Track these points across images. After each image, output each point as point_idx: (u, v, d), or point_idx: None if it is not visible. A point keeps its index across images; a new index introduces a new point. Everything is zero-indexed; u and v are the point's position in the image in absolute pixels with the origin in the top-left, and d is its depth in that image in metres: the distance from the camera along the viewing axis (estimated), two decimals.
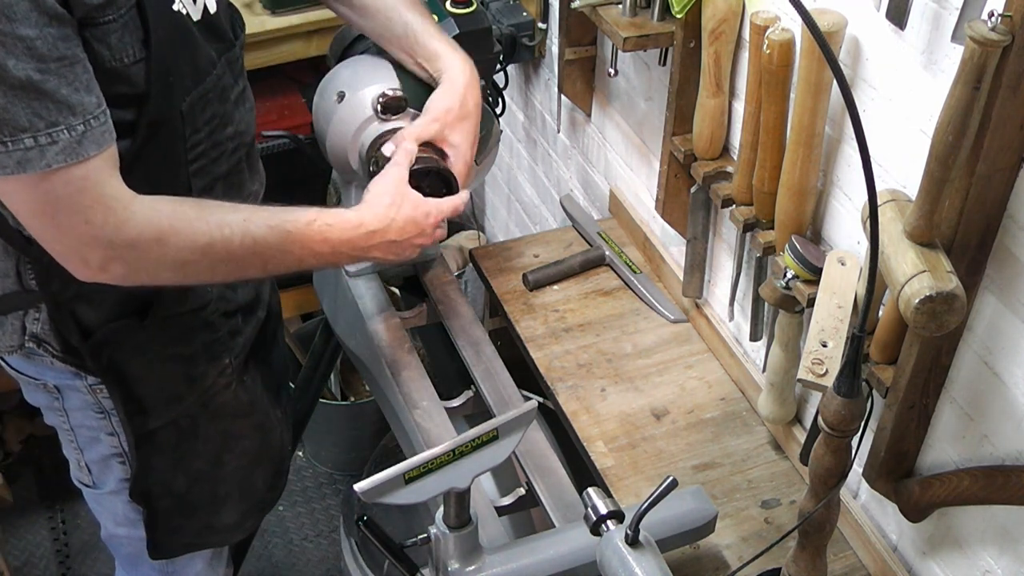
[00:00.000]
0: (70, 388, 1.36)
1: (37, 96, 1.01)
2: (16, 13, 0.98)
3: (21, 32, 0.98)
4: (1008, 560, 1.20)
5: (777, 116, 1.31)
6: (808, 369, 1.16)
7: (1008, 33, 0.92)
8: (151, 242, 1.13)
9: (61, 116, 1.03)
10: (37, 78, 1.00)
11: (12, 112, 1.00)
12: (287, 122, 2.26)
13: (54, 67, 1.01)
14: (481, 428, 1.14)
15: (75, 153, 1.04)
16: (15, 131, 1.01)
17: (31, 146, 1.02)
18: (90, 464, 1.44)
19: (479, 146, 1.56)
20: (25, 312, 1.28)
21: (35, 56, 1.00)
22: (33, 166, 1.03)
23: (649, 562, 1.03)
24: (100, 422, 1.39)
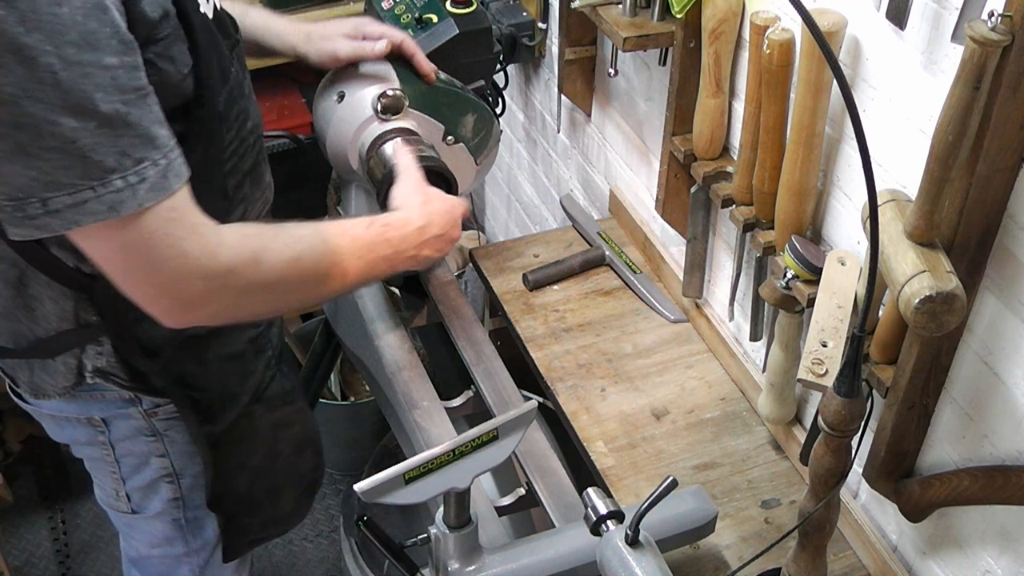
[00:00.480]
0: (120, 417, 1.32)
1: (124, 131, 0.95)
2: (99, 41, 0.92)
3: (106, 61, 0.92)
4: (1008, 560, 1.20)
5: (777, 116, 1.31)
6: (808, 369, 1.16)
7: (1008, 33, 0.92)
8: (247, 263, 1.08)
9: (146, 151, 0.97)
10: (123, 111, 0.95)
11: (101, 152, 0.94)
12: (287, 122, 2.26)
13: (134, 98, 0.96)
14: (481, 428, 1.14)
15: (163, 188, 0.99)
16: (104, 173, 0.95)
17: (122, 187, 0.96)
18: (132, 491, 1.41)
19: (479, 146, 1.56)
20: (82, 349, 1.24)
21: (119, 87, 0.94)
22: (126, 207, 0.97)
23: (649, 562, 1.03)
24: (151, 445, 1.36)
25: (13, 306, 1.20)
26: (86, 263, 1.16)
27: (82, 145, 0.93)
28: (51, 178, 0.94)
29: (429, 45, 1.68)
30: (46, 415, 1.35)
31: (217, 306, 1.09)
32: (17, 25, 0.87)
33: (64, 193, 0.95)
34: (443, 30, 1.69)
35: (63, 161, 0.93)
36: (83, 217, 0.96)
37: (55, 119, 0.91)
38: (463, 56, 1.69)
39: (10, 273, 1.18)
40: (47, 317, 1.21)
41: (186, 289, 1.06)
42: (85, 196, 0.95)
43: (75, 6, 0.90)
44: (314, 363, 2.12)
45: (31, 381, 1.28)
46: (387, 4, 1.75)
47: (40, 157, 0.92)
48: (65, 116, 0.91)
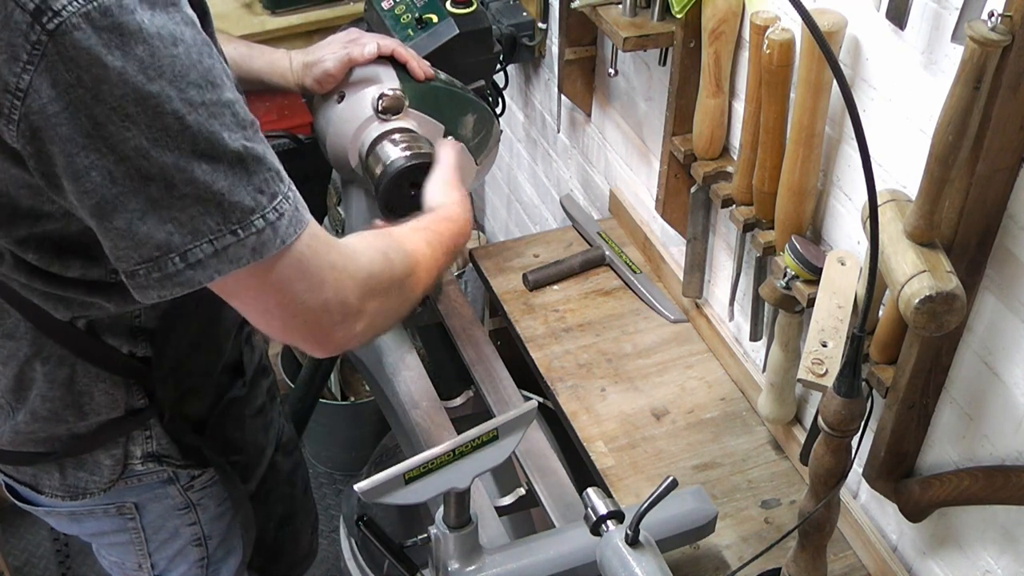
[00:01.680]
0: (155, 499, 1.27)
1: (255, 168, 0.89)
2: (216, 77, 0.87)
3: (226, 97, 0.87)
4: (1008, 560, 1.20)
5: (777, 116, 1.31)
6: (808, 369, 1.16)
7: (1008, 33, 0.92)
8: (381, 263, 1.05)
9: (277, 185, 0.91)
10: (249, 147, 0.89)
11: (237, 194, 0.88)
12: (287, 122, 2.26)
13: (252, 133, 0.90)
14: (481, 428, 1.14)
15: (300, 221, 0.93)
16: (244, 215, 0.88)
17: (263, 227, 0.89)
18: (157, 561, 1.36)
19: (479, 146, 1.56)
20: (127, 437, 1.19)
21: (240, 123, 0.89)
22: (269, 248, 0.90)
23: (649, 562, 1.03)
24: (183, 517, 1.32)
25: (62, 406, 1.15)
26: (140, 346, 1.14)
27: (218, 188, 0.87)
28: (190, 228, 0.87)
29: (429, 45, 1.68)
30: (61, 513, 1.28)
31: (369, 317, 1.03)
32: (139, 74, 0.81)
33: (205, 241, 0.88)
34: (443, 30, 1.69)
35: (200, 209, 0.87)
36: (227, 265, 0.89)
37: (187, 166, 0.85)
38: (463, 56, 1.69)
39: (59, 372, 1.12)
40: (96, 411, 1.16)
41: (347, 300, 0.99)
42: (227, 242, 0.88)
43: (189, 44, 0.85)
44: (314, 363, 2.12)
45: (64, 484, 1.22)
46: (387, 4, 1.75)
47: (175, 208, 0.86)
48: (196, 161, 0.85)
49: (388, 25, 1.72)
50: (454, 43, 1.68)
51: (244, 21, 2.20)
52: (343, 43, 1.48)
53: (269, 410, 1.36)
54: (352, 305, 1.00)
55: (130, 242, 0.87)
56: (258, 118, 1.43)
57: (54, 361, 1.11)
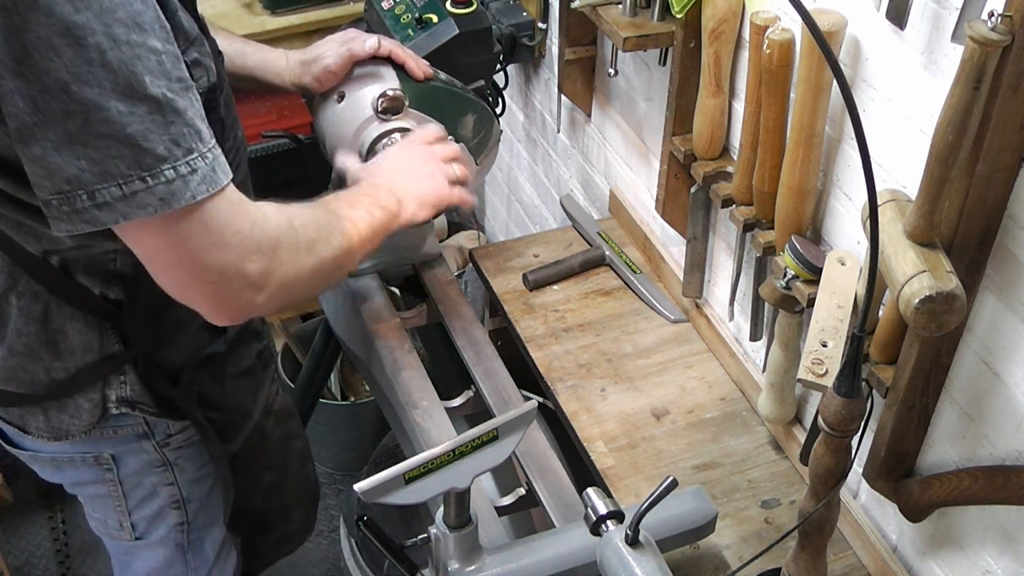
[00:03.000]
0: (131, 452, 1.30)
1: (173, 118, 0.91)
2: (145, 22, 0.89)
3: (151, 44, 0.89)
4: (1008, 560, 1.20)
5: (777, 116, 1.31)
6: (808, 369, 1.16)
7: (1008, 33, 0.92)
8: (286, 230, 1.06)
9: (194, 142, 0.93)
10: (171, 97, 0.91)
11: (151, 140, 0.90)
12: (287, 122, 2.26)
13: (179, 88, 0.92)
14: (481, 428, 1.14)
15: (213, 182, 0.95)
16: (156, 162, 0.91)
17: (173, 178, 0.92)
18: (137, 521, 1.39)
19: (479, 146, 1.56)
20: (104, 382, 1.23)
21: (165, 73, 0.91)
22: (178, 200, 0.93)
23: (649, 562, 1.03)
24: (161, 475, 1.34)
25: (37, 343, 1.17)
26: (112, 289, 1.16)
27: (133, 131, 0.89)
28: (101, 168, 0.90)
29: (429, 45, 1.68)
30: (43, 459, 1.31)
31: (272, 289, 1.05)
32: (66, 4, 0.84)
33: (114, 184, 0.91)
34: (443, 30, 1.69)
35: (113, 150, 0.89)
36: (133, 210, 0.92)
37: (105, 103, 0.88)
38: (463, 56, 1.69)
39: (34, 308, 1.15)
40: (72, 350, 1.19)
41: (244, 273, 1.01)
42: (136, 187, 0.91)
43: None
44: (314, 363, 2.12)
45: (48, 426, 1.25)
46: (387, 4, 1.75)
47: (90, 145, 0.89)
48: (115, 99, 0.88)
49: (388, 25, 1.72)
50: (454, 43, 1.68)
51: (244, 21, 2.20)
52: (342, 41, 1.48)
53: (259, 375, 1.37)
54: (252, 274, 1.02)
55: (44, 171, 0.90)
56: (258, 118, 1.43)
57: (29, 296, 1.14)
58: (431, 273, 1.74)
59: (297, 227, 1.08)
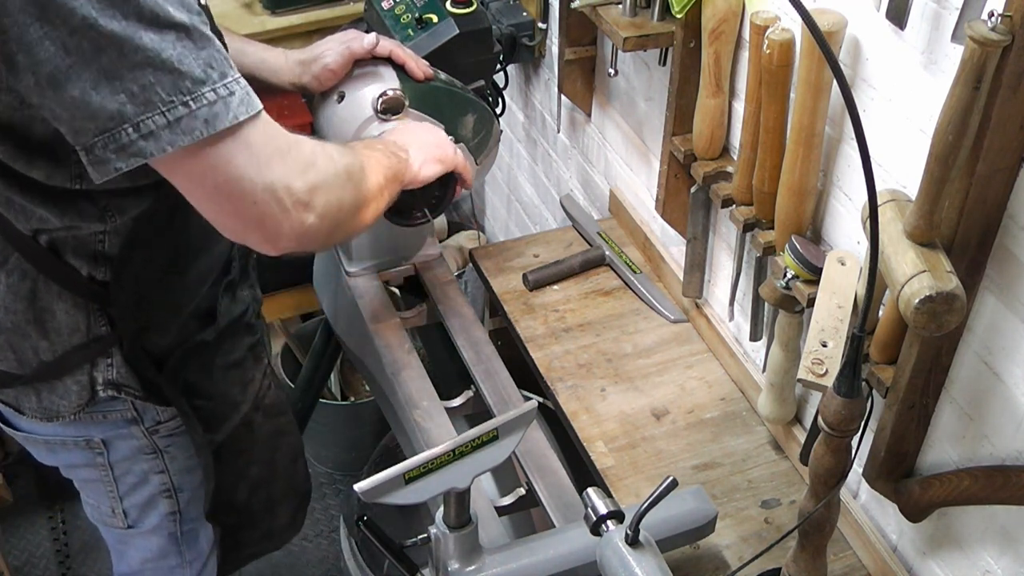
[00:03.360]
0: (121, 438, 1.31)
1: (203, 43, 0.92)
2: None
3: None
4: (1008, 560, 1.20)
5: (777, 116, 1.31)
6: (808, 369, 1.16)
7: (1008, 33, 0.92)
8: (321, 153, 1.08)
9: (227, 67, 0.94)
10: (197, 24, 0.92)
11: (186, 63, 0.91)
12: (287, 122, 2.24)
13: (199, 21, 0.93)
14: (481, 428, 1.14)
15: (251, 104, 0.97)
16: (195, 84, 0.92)
17: (214, 100, 0.93)
18: (129, 508, 1.40)
19: (479, 146, 1.56)
20: (92, 364, 1.23)
21: (185, 5, 0.91)
22: (221, 120, 0.94)
23: (649, 562, 1.03)
24: (151, 463, 1.35)
25: (24, 320, 1.19)
26: (100, 271, 1.16)
27: (168, 56, 0.90)
28: (143, 97, 0.90)
29: (429, 45, 1.68)
30: (38, 440, 1.33)
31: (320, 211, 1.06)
32: None
33: (157, 112, 0.91)
34: (443, 30, 1.69)
35: (152, 77, 0.90)
36: (179, 137, 0.92)
37: (135, 33, 0.88)
38: (463, 56, 1.69)
39: (22, 286, 1.16)
40: (59, 331, 1.19)
41: (291, 191, 1.02)
42: (179, 113, 0.92)
43: None
44: (314, 363, 2.13)
45: (41, 406, 1.26)
46: (387, 4, 1.75)
47: (127, 78, 0.89)
48: (144, 28, 0.88)
49: (388, 25, 1.72)
50: (454, 43, 1.68)
51: (244, 21, 2.20)
52: (341, 40, 1.48)
53: (250, 367, 1.37)
54: (299, 191, 1.03)
55: (86, 112, 0.90)
56: None
57: (17, 274, 1.15)
58: (431, 273, 1.74)
59: (330, 151, 1.10)
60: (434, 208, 1.48)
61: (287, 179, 1.02)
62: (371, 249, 1.69)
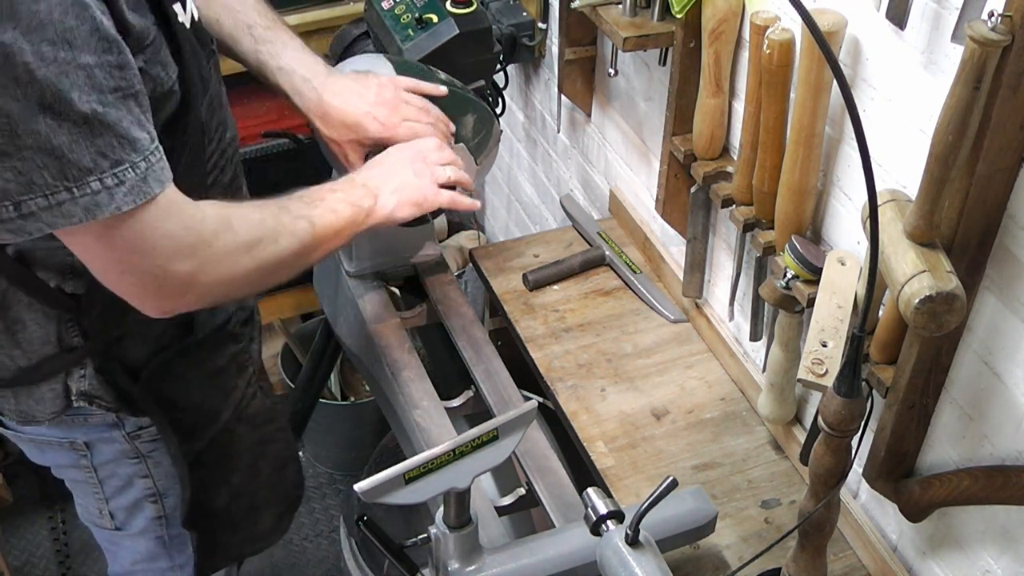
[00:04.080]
0: (103, 441, 1.32)
1: (101, 131, 0.93)
2: (77, 38, 0.90)
3: (82, 60, 0.90)
4: (1008, 560, 1.20)
5: (777, 116, 1.31)
6: (808, 369, 1.16)
7: (1008, 33, 0.92)
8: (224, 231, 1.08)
9: (124, 153, 0.95)
10: (100, 111, 0.92)
11: (76, 152, 0.92)
12: (287, 122, 2.26)
13: (112, 99, 0.93)
14: (481, 428, 1.14)
15: (142, 192, 0.97)
16: (81, 173, 0.93)
17: (98, 189, 0.94)
18: (116, 510, 1.41)
19: (479, 146, 1.56)
20: (66, 373, 1.23)
21: (96, 87, 0.92)
22: (103, 210, 0.95)
23: (649, 562, 1.03)
24: (135, 467, 1.35)
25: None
26: (69, 283, 1.16)
27: (58, 144, 0.91)
28: (26, 179, 0.92)
29: (429, 45, 1.68)
30: (26, 439, 1.33)
31: (206, 282, 1.08)
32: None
33: (39, 195, 0.93)
34: (443, 30, 1.69)
35: (38, 161, 0.91)
36: (58, 220, 0.95)
37: (31, 117, 0.89)
38: (463, 56, 1.69)
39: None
40: (30, 341, 1.19)
41: (178, 268, 1.04)
42: (61, 198, 0.93)
43: (53, 3, 0.88)
44: (314, 363, 2.13)
45: (17, 409, 1.27)
46: (387, 4, 1.75)
47: (15, 157, 0.91)
48: (42, 115, 0.89)
49: (388, 25, 1.72)
50: (454, 43, 1.68)
51: None
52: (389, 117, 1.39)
53: (232, 376, 1.36)
54: (179, 275, 1.04)
55: None
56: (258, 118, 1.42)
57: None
58: (431, 273, 1.74)
59: (237, 228, 1.10)
60: None
61: (168, 264, 1.04)
62: (371, 249, 1.69)
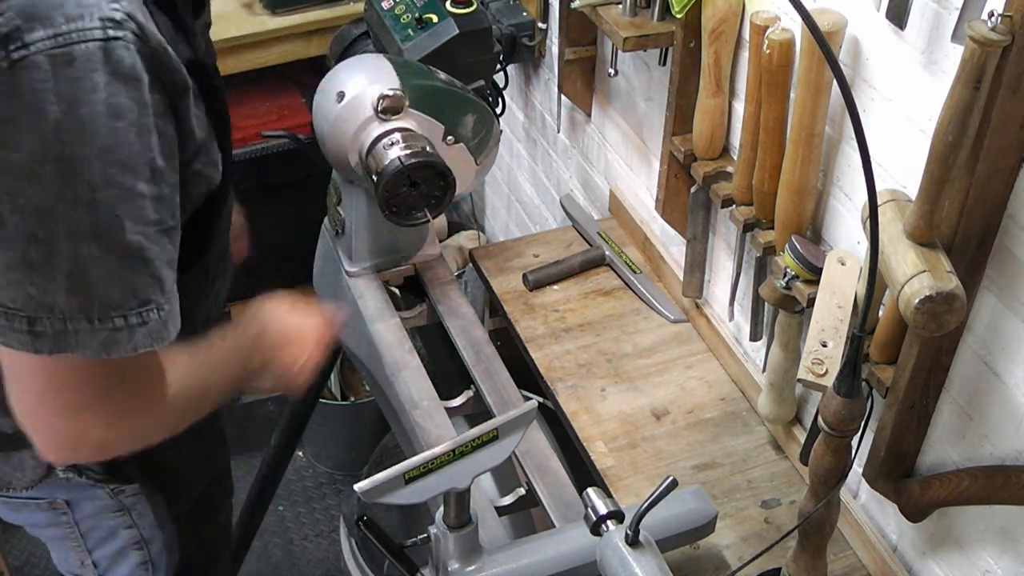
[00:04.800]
0: (85, 498, 1.27)
1: (139, 267, 0.87)
2: (138, 164, 0.84)
3: (140, 188, 0.85)
4: (1008, 560, 1.20)
5: (777, 116, 1.31)
6: (808, 369, 1.16)
7: (1008, 33, 0.92)
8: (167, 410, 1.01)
9: (152, 293, 0.88)
10: (145, 245, 0.86)
11: (110, 285, 0.85)
12: (287, 122, 2.26)
13: (154, 233, 0.87)
14: (481, 428, 1.14)
15: (160, 337, 0.90)
16: (106, 308, 0.86)
17: (120, 326, 0.87)
18: (99, 560, 1.36)
19: (479, 146, 1.56)
20: None
21: (144, 219, 0.86)
22: (120, 349, 0.88)
23: (649, 562, 1.03)
24: (119, 519, 1.31)
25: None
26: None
27: (94, 275, 0.85)
28: (50, 299, 0.85)
29: (429, 45, 1.68)
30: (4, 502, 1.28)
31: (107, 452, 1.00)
32: (71, 133, 0.80)
33: (57, 318, 0.85)
34: (443, 30, 1.69)
35: (67, 284, 0.85)
36: (70, 347, 0.87)
37: (77, 242, 0.83)
38: (463, 56, 1.70)
39: None
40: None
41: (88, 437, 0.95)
42: (79, 327, 0.86)
43: (130, 121, 0.83)
44: None
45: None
46: (387, 4, 1.75)
47: (45, 276, 0.84)
48: (89, 240, 0.83)
49: (388, 25, 1.72)
50: (454, 43, 1.68)
51: (244, 21, 2.20)
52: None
53: (206, 438, 1.34)
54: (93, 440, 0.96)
55: None
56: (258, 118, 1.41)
57: None
58: (431, 273, 1.74)
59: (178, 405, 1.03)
60: (434, 208, 1.48)
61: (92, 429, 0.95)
62: (371, 249, 1.69)
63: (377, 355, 1.60)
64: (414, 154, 1.40)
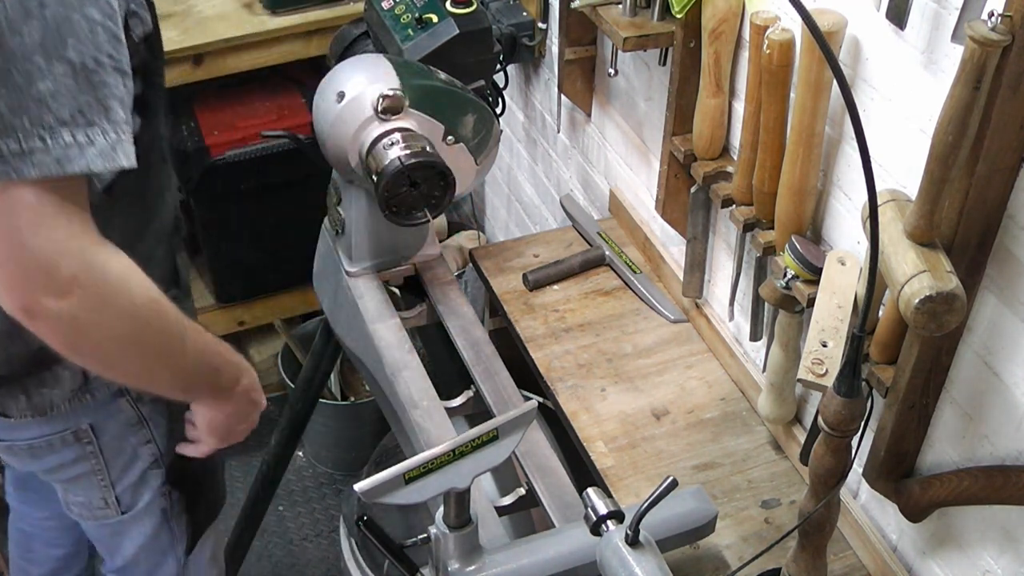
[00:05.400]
0: (109, 415, 1.31)
1: (86, 89, 0.92)
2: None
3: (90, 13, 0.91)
4: (1008, 560, 1.20)
5: (777, 116, 1.31)
6: (808, 369, 1.16)
7: (1008, 33, 0.92)
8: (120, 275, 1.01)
9: (98, 117, 0.93)
10: (92, 67, 0.92)
11: (59, 101, 0.90)
12: (287, 122, 2.26)
13: (105, 62, 0.93)
14: (481, 428, 1.14)
15: (111, 158, 0.94)
16: (57, 123, 0.91)
17: (70, 143, 0.92)
18: (122, 493, 1.39)
19: (479, 146, 1.56)
20: None
21: (95, 44, 0.92)
22: (73, 164, 0.92)
23: (649, 562, 1.03)
24: (140, 434, 1.36)
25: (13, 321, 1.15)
26: None
27: (43, 88, 0.90)
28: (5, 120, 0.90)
29: (429, 45, 1.68)
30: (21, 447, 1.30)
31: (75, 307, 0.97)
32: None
33: (12, 139, 0.90)
34: (443, 30, 1.69)
35: (19, 100, 0.89)
36: (28, 168, 0.91)
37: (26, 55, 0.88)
38: (463, 56, 1.69)
39: None
40: None
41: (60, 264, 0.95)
42: (34, 146, 0.91)
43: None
44: (314, 363, 2.12)
45: (30, 404, 1.24)
46: (387, 4, 1.75)
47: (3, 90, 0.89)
48: (37, 54, 0.89)
49: (388, 25, 1.72)
50: (454, 43, 1.68)
51: (244, 21, 2.19)
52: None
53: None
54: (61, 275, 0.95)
55: None
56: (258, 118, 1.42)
57: None
58: (431, 273, 1.74)
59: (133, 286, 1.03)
60: (434, 208, 1.48)
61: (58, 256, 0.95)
62: (371, 249, 1.69)
63: (377, 355, 1.60)
64: (414, 154, 1.40)
